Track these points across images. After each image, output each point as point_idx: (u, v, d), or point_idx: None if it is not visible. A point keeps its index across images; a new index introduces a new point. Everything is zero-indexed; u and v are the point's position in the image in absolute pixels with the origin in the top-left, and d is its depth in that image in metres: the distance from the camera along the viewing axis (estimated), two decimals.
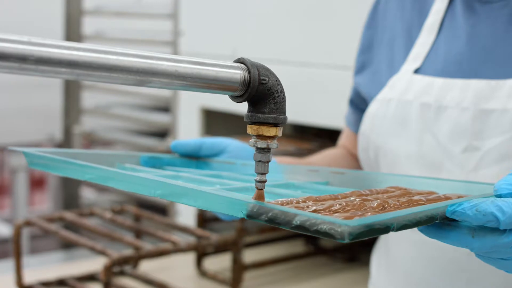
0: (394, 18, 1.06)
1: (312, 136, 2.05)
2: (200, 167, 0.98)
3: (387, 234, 1.04)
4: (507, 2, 0.94)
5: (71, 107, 2.69)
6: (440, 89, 0.96)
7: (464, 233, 0.66)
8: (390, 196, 0.74)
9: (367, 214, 0.62)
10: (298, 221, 0.57)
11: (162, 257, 1.39)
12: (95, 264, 1.58)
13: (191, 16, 2.09)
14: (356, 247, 1.77)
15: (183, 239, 1.47)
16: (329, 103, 1.64)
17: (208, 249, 1.59)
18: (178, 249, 1.39)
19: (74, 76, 0.56)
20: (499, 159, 0.90)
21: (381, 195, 0.75)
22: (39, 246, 3.04)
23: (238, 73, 0.63)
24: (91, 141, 2.81)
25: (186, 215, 2.05)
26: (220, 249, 1.63)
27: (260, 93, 0.64)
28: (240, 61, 0.65)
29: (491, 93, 0.91)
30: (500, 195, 0.67)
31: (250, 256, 1.68)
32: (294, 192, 0.77)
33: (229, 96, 0.66)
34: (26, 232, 2.92)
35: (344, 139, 1.21)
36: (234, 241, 1.49)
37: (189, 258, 1.68)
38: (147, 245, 1.38)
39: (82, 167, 0.76)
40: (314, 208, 0.64)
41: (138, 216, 1.66)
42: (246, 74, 0.64)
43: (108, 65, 0.57)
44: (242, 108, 0.70)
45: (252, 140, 0.66)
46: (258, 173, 0.67)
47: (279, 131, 0.66)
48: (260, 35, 1.87)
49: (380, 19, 1.09)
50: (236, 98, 0.65)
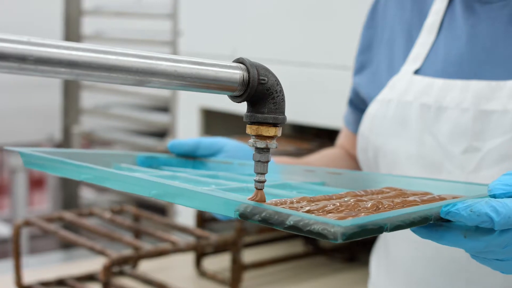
0: (394, 18, 1.06)
1: (311, 136, 2.05)
2: (197, 167, 0.98)
3: (386, 234, 1.05)
4: (507, 2, 0.94)
5: (71, 107, 2.69)
6: (440, 90, 0.95)
7: (458, 233, 0.65)
8: (385, 196, 0.73)
9: (360, 214, 0.61)
10: (291, 221, 0.57)
11: (162, 257, 1.39)
12: (95, 264, 1.58)
13: (190, 16, 2.09)
14: (355, 247, 1.77)
15: (183, 239, 1.46)
16: (329, 103, 1.64)
17: (207, 249, 1.59)
18: (177, 249, 1.39)
19: (74, 76, 0.56)
20: (499, 160, 0.89)
21: (375, 195, 0.74)
22: (39, 246, 3.04)
23: (237, 73, 0.63)
24: (91, 141, 2.81)
25: (186, 215, 2.05)
26: (219, 249, 1.63)
27: (259, 93, 0.64)
28: (239, 61, 0.65)
29: (491, 94, 0.91)
30: (494, 196, 0.67)
31: (249, 256, 1.68)
32: (289, 193, 0.76)
33: (228, 96, 0.66)
34: (25, 232, 2.92)
35: (342, 139, 1.21)
36: (233, 241, 1.49)
37: (189, 258, 1.68)
38: (147, 245, 1.38)
39: (78, 167, 0.76)
40: (307, 208, 0.64)
41: (138, 216, 1.66)
42: (245, 74, 0.64)
43: (107, 65, 0.57)
44: (242, 108, 0.70)
45: (251, 140, 0.66)
46: (258, 173, 0.67)
47: (278, 131, 0.66)
48: (260, 35, 1.87)
49: (380, 19, 1.08)
50: (235, 98, 0.65)
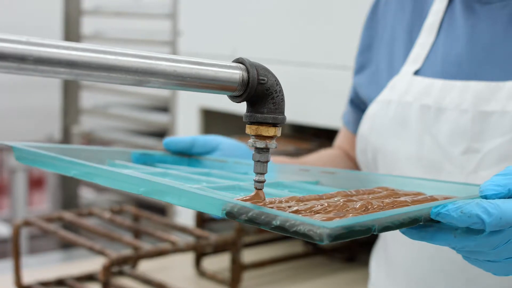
0: (394, 19, 1.06)
1: (311, 136, 2.05)
2: (192, 165, 0.98)
3: (386, 235, 1.05)
4: (507, 3, 0.94)
5: (70, 107, 2.69)
6: (439, 91, 0.95)
7: (448, 233, 0.64)
8: (376, 197, 0.72)
9: (348, 215, 0.60)
10: (278, 221, 0.56)
11: (161, 257, 1.39)
12: (94, 264, 1.58)
13: (190, 16, 2.09)
14: (355, 247, 1.77)
15: (182, 239, 1.46)
16: (328, 103, 1.64)
17: (207, 249, 1.59)
18: (177, 249, 1.39)
19: (73, 76, 0.56)
20: (498, 161, 0.89)
21: (366, 195, 0.73)
22: (38, 246, 3.04)
23: (237, 73, 0.63)
24: (90, 141, 2.81)
25: (185, 215, 2.05)
26: (219, 249, 1.63)
27: (259, 93, 0.64)
28: (239, 61, 0.65)
29: (491, 95, 0.91)
30: (485, 196, 0.65)
31: (249, 256, 1.68)
32: (281, 191, 0.76)
33: (227, 96, 0.66)
34: (25, 232, 2.92)
35: (340, 140, 1.20)
36: (233, 241, 1.49)
37: (188, 258, 1.68)
38: (146, 245, 1.38)
39: (68, 163, 0.76)
40: (295, 208, 0.63)
41: (137, 216, 1.66)
42: (245, 74, 0.64)
43: (107, 65, 0.57)
44: (241, 108, 0.70)
45: (251, 140, 0.66)
46: (257, 173, 0.67)
47: (278, 131, 0.66)
48: (260, 35, 1.87)
49: (380, 19, 1.08)
50: (235, 98, 0.65)
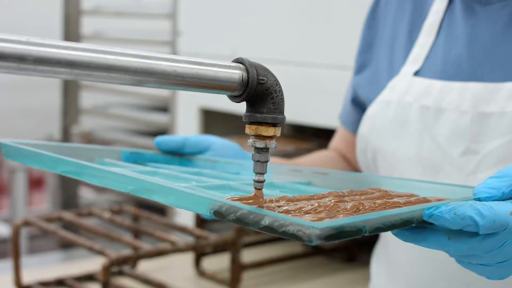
0: (394, 19, 1.06)
1: (311, 136, 2.05)
2: (183, 164, 0.97)
3: (386, 236, 1.05)
4: (507, 3, 0.94)
5: (70, 107, 2.69)
6: (439, 92, 0.95)
7: (441, 235, 0.63)
8: (368, 197, 0.72)
9: (339, 216, 0.59)
10: (266, 221, 0.55)
11: (161, 257, 1.39)
12: (94, 264, 1.58)
13: (189, 16, 2.09)
14: (355, 247, 1.77)
15: (182, 239, 1.46)
16: (328, 103, 1.64)
17: (206, 249, 1.59)
18: (176, 249, 1.39)
19: (73, 76, 0.56)
20: (497, 162, 0.89)
21: (358, 196, 0.72)
22: (38, 246, 3.04)
23: (236, 73, 0.63)
24: (90, 141, 2.81)
25: (185, 215, 2.05)
26: (218, 249, 1.63)
27: (259, 93, 0.64)
28: (238, 61, 0.65)
29: (490, 96, 0.91)
30: (479, 199, 0.65)
31: (248, 256, 1.68)
32: (272, 191, 0.75)
33: (227, 96, 0.66)
34: (24, 232, 2.91)
35: (337, 141, 1.19)
36: (232, 241, 1.49)
37: (188, 258, 1.68)
38: (146, 245, 1.38)
39: (56, 160, 0.75)
40: (285, 208, 0.62)
41: (137, 216, 1.66)
42: (245, 74, 0.64)
43: (106, 65, 0.57)
44: (241, 108, 0.70)
45: (250, 140, 0.66)
46: (257, 173, 0.67)
47: (277, 131, 0.66)
48: (259, 35, 1.87)
49: (380, 19, 1.08)
50: (235, 98, 0.65)
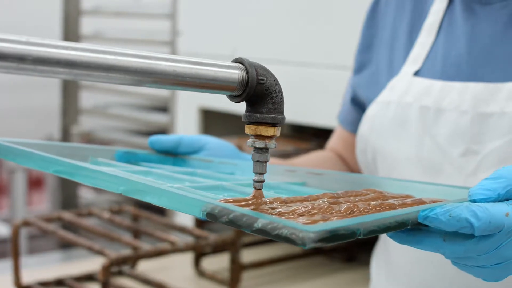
0: (394, 19, 1.06)
1: (310, 136, 2.05)
2: (177, 164, 0.96)
3: (386, 237, 1.05)
4: (507, 3, 0.94)
5: (69, 107, 2.69)
6: (439, 92, 0.95)
7: (437, 238, 0.63)
8: (362, 199, 0.71)
9: (332, 218, 0.59)
10: (259, 224, 0.54)
11: (160, 257, 1.39)
12: (93, 264, 1.58)
13: (189, 16, 2.09)
14: (355, 247, 1.77)
15: (181, 239, 1.46)
16: (328, 103, 1.64)
17: (206, 249, 1.59)
18: (176, 249, 1.39)
19: (72, 76, 0.56)
20: (498, 163, 0.89)
21: (353, 197, 0.72)
22: (37, 246, 3.04)
23: (236, 73, 0.63)
24: (90, 141, 2.81)
25: (184, 215, 2.04)
26: (218, 249, 1.63)
27: (258, 93, 0.64)
28: (238, 61, 0.65)
29: (490, 96, 0.91)
30: (474, 201, 0.64)
31: (248, 256, 1.68)
32: (266, 193, 0.74)
33: (227, 96, 0.66)
34: (24, 232, 2.91)
35: (334, 141, 1.19)
36: (232, 241, 1.49)
37: (187, 258, 1.68)
38: (145, 245, 1.38)
39: (48, 160, 0.74)
40: (279, 210, 0.62)
41: (136, 216, 1.66)
42: (244, 74, 0.64)
43: (106, 65, 0.57)
44: (241, 108, 0.70)
45: (250, 140, 0.66)
46: (256, 173, 0.67)
47: (277, 131, 0.66)
48: (259, 35, 1.87)
49: (380, 19, 1.08)
50: (234, 98, 0.65)
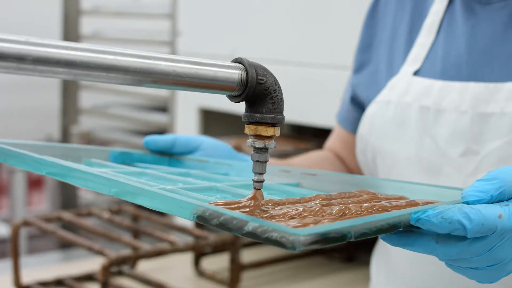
0: (394, 19, 1.06)
1: (310, 136, 2.05)
2: (172, 165, 0.95)
3: None
4: (507, 3, 0.94)
5: (69, 107, 2.69)
6: (438, 92, 0.95)
7: (430, 239, 0.63)
8: (355, 201, 0.71)
9: (323, 221, 0.58)
10: (249, 227, 0.54)
11: (160, 257, 1.39)
12: (93, 264, 1.58)
13: (189, 16, 2.09)
14: (354, 247, 1.77)
15: (181, 239, 1.46)
16: (328, 103, 1.64)
17: (206, 249, 1.59)
18: (176, 249, 1.39)
19: (72, 76, 0.56)
20: (497, 163, 0.89)
21: (345, 199, 0.71)
22: (37, 246, 3.04)
23: (235, 73, 0.64)
24: (90, 141, 2.81)
25: None
26: (218, 249, 1.63)
27: (258, 93, 0.64)
28: (237, 61, 0.65)
29: (490, 96, 0.91)
30: (467, 202, 0.64)
31: (248, 256, 1.68)
32: None
33: (226, 96, 0.66)
34: (24, 232, 2.91)
35: (333, 140, 1.18)
36: (232, 241, 1.49)
37: (187, 258, 1.68)
38: (145, 245, 1.38)
39: (40, 162, 0.74)
40: (270, 213, 0.62)
41: (136, 216, 1.66)
42: (244, 74, 0.64)
43: (106, 65, 0.57)
44: (241, 108, 0.70)
45: (249, 140, 0.66)
46: (256, 173, 0.67)
47: (276, 131, 0.66)
48: (259, 35, 1.87)
49: (380, 19, 1.08)
50: (234, 98, 0.65)
